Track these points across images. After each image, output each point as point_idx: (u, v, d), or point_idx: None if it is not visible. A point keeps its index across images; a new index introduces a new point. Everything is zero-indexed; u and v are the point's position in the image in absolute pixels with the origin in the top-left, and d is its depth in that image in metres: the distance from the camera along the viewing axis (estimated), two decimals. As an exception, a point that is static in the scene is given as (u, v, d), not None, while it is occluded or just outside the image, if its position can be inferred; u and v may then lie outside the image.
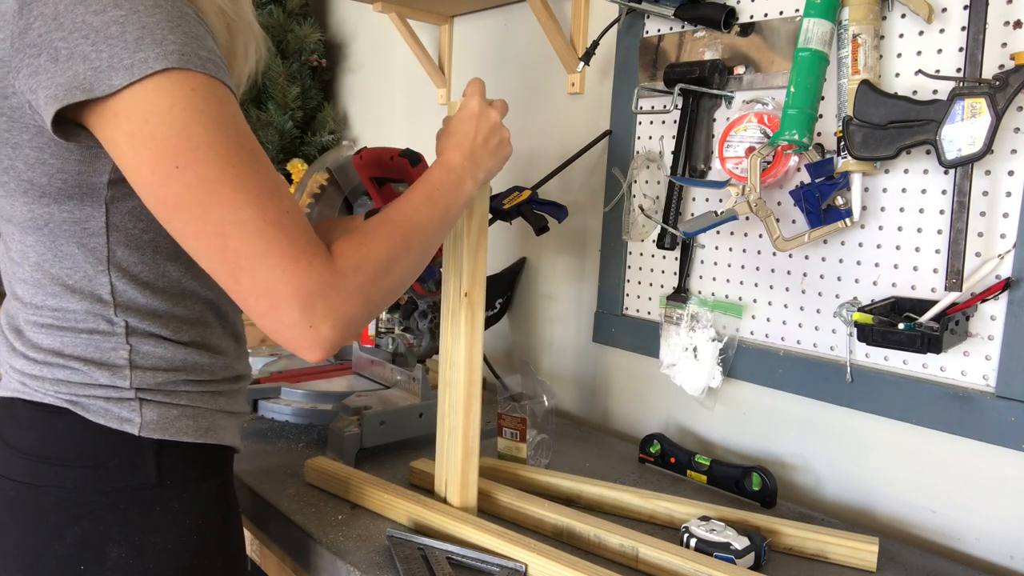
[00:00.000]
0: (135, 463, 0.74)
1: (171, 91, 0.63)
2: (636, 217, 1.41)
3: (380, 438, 1.20)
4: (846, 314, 1.09)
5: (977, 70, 0.94)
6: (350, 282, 0.69)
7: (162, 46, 0.62)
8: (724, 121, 1.27)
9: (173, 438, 0.75)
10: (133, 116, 0.62)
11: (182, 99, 0.63)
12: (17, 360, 0.75)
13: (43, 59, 0.63)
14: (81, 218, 0.71)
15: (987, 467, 1.02)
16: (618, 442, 1.38)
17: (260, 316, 0.67)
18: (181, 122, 0.63)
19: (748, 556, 0.91)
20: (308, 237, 0.67)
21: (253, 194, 0.65)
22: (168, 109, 0.62)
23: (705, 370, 1.27)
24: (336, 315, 0.67)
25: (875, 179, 1.10)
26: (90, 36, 0.62)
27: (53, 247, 0.73)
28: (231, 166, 0.64)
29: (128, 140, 0.63)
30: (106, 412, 0.73)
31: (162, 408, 0.75)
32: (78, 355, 0.74)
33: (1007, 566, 1.01)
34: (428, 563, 0.87)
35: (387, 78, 2.14)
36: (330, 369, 1.51)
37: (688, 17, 1.29)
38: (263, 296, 0.65)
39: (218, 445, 0.80)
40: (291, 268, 0.65)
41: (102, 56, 0.61)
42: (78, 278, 0.73)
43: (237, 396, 0.85)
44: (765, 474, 1.11)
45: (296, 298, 0.65)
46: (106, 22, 0.62)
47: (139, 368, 0.75)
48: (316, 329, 0.67)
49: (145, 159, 0.63)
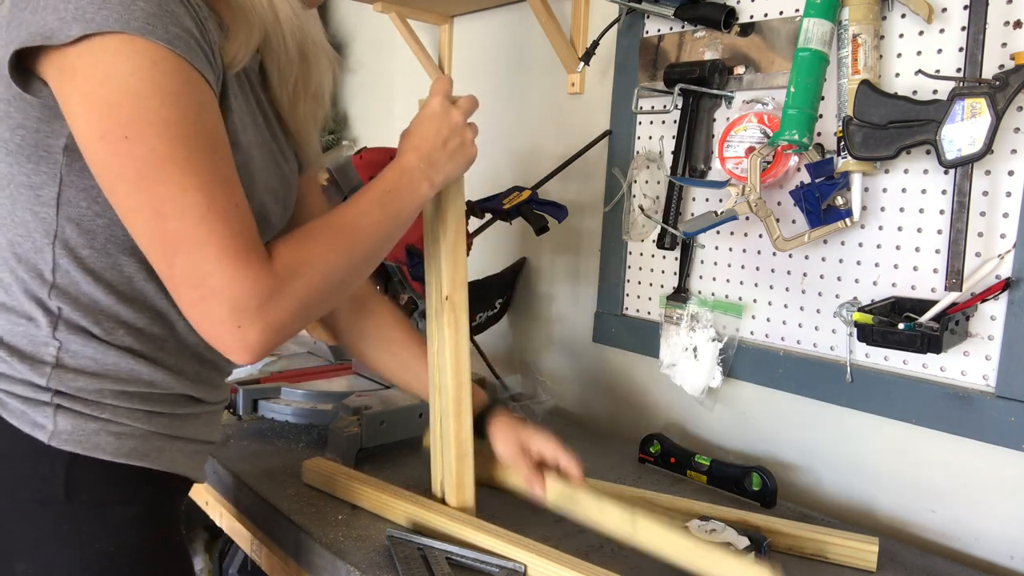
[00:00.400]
0: (44, 474, 0.69)
1: (131, 58, 0.61)
2: (636, 217, 1.41)
3: (380, 438, 1.20)
4: (846, 314, 1.09)
5: (977, 70, 0.94)
6: (286, 286, 0.66)
7: (129, 10, 0.61)
8: (724, 121, 1.27)
9: (88, 453, 0.69)
10: (90, 76, 0.61)
11: (141, 68, 0.61)
12: None
13: (27, 12, 0.62)
14: (36, 183, 0.68)
15: (987, 467, 1.02)
16: (618, 442, 1.38)
17: (188, 307, 0.65)
18: (137, 92, 0.61)
19: (748, 556, 0.91)
20: (251, 236, 0.65)
21: (203, 180, 0.63)
22: (126, 75, 0.61)
23: (705, 370, 1.27)
24: (267, 319, 0.65)
25: (875, 179, 1.10)
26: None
27: (12, 210, 0.70)
28: (183, 147, 0.62)
29: (82, 100, 0.62)
30: (22, 414, 0.69)
31: (79, 419, 0.70)
32: (6, 341, 0.70)
33: (1007, 566, 1.01)
34: (427, 563, 0.87)
35: (387, 78, 2.14)
36: (330, 369, 1.51)
37: (688, 17, 1.29)
38: (194, 287, 0.63)
39: (147, 469, 0.73)
40: (227, 263, 0.63)
41: (69, 7, 0.61)
42: (27, 248, 0.70)
43: (190, 421, 0.78)
44: (765, 474, 1.11)
45: (227, 296, 0.63)
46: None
47: (62, 367, 0.70)
48: (244, 331, 0.64)
49: (95, 123, 0.62)
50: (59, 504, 0.69)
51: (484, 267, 1.71)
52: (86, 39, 0.61)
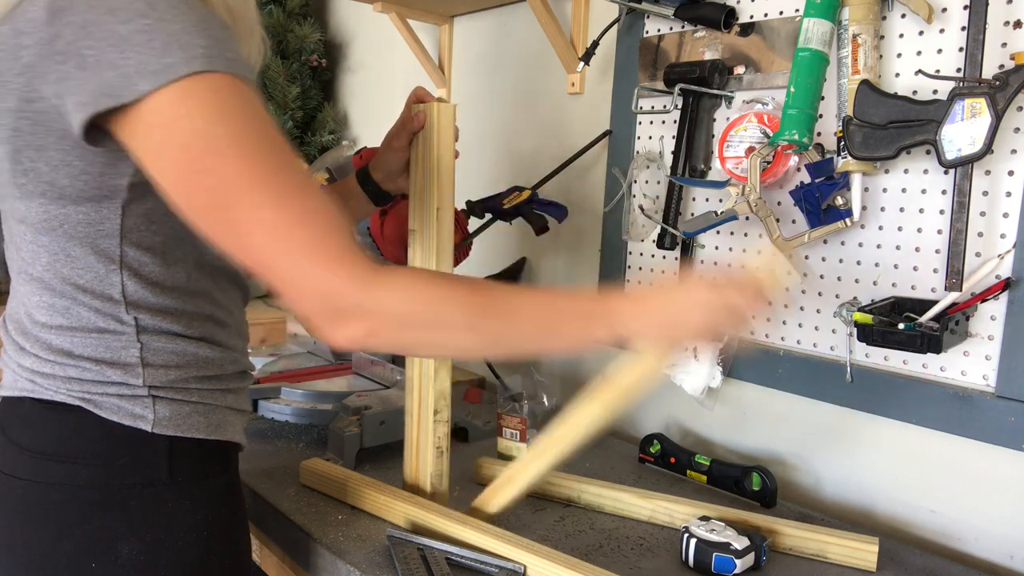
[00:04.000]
0: (147, 460, 0.74)
1: (196, 94, 0.64)
2: (636, 217, 1.41)
3: (380, 438, 1.20)
4: (846, 314, 1.09)
5: (977, 70, 0.94)
6: (378, 303, 0.67)
7: (187, 50, 0.64)
8: (724, 121, 1.27)
9: (185, 434, 0.76)
10: (160, 121, 0.64)
11: (207, 102, 0.64)
12: (26, 359, 0.76)
13: (70, 66, 0.64)
14: (96, 219, 0.72)
15: (987, 467, 1.02)
16: (618, 442, 1.38)
17: (290, 307, 0.68)
18: (206, 123, 0.64)
19: (748, 556, 0.91)
20: (336, 238, 0.66)
21: (276, 192, 0.65)
22: (193, 112, 0.64)
23: (705, 370, 1.27)
24: (355, 326, 0.67)
25: (875, 179, 1.10)
26: (118, 44, 0.63)
27: (65, 248, 0.73)
28: (255, 166, 0.65)
29: (155, 145, 0.65)
30: (119, 409, 0.74)
31: (175, 405, 0.76)
32: (88, 355, 0.74)
33: (1007, 566, 1.01)
34: (427, 563, 0.87)
35: (387, 78, 2.14)
36: (330, 369, 1.51)
37: (688, 17, 1.29)
38: (290, 291, 0.66)
39: (227, 442, 0.81)
40: (312, 267, 0.65)
41: (129, 63, 0.63)
42: (89, 278, 0.74)
43: (243, 394, 0.86)
44: (765, 474, 1.11)
45: (318, 295, 0.66)
46: (133, 31, 0.63)
47: (151, 366, 0.75)
48: (338, 327, 0.67)
49: (170, 163, 0.65)
50: (163, 485, 0.75)
51: (484, 267, 1.71)
52: (154, 92, 0.63)
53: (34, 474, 0.73)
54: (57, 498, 0.72)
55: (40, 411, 0.74)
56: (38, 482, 0.73)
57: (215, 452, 0.80)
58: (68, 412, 0.73)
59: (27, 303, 0.77)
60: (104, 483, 0.73)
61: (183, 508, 0.76)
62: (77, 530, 0.72)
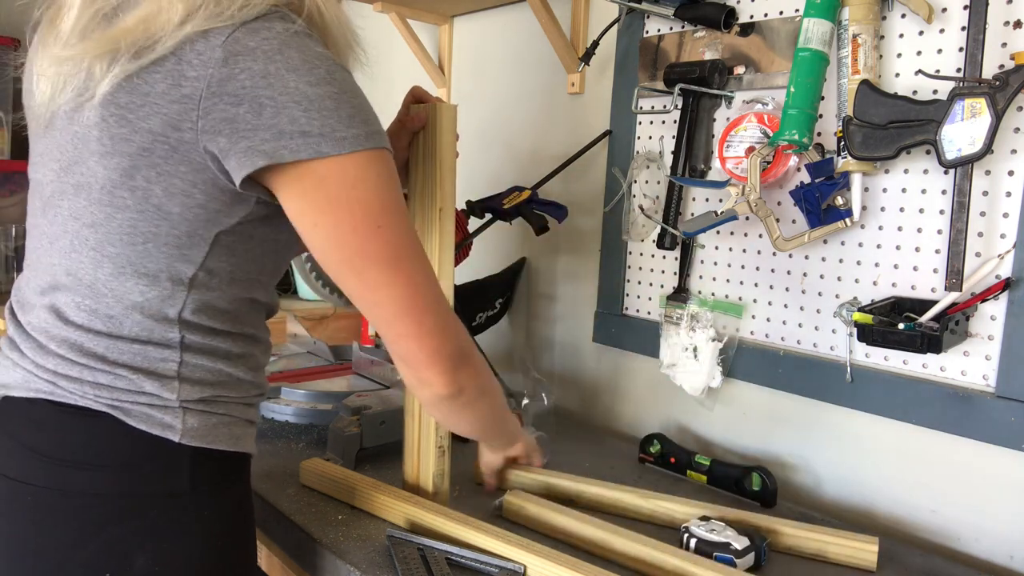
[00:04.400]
0: (170, 469, 0.74)
1: (374, 164, 0.72)
2: (636, 217, 1.41)
3: (380, 438, 1.20)
4: (846, 314, 1.09)
5: (977, 70, 0.94)
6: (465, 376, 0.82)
7: (368, 126, 0.71)
8: (724, 121, 1.27)
9: (210, 446, 0.76)
10: (342, 181, 0.70)
11: (380, 172, 0.72)
12: (48, 359, 0.74)
13: (243, 109, 0.66)
14: (186, 244, 0.73)
15: (987, 467, 1.02)
16: (618, 442, 1.38)
17: (431, 352, 0.79)
18: (380, 189, 0.72)
19: (748, 556, 0.91)
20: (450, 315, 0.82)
21: (422, 256, 0.78)
22: (374, 178, 0.71)
23: (705, 370, 1.27)
24: (468, 369, 0.83)
25: (875, 179, 1.10)
26: (302, 103, 0.67)
27: (139, 264, 0.73)
28: (410, 229, 0.77)
29: (330, 202, 0.70)
30: (148, 418, 0.73)
31: (203, 416, 0.77)
32: (125, 363, 0.73)
33: (1007, 566, 1.01)
34: (427, 563, 0.87)
35: (387, 78, 2.14)
36: (330, 369, 1.51)
37: (688, 17, 1.29)
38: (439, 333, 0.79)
39: (244, 453, 0.82)
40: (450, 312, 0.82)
41: (313, 123, 0.67)
42: (152, 296, 0.74)
43: (258, 407, 0.88)
44: (765, 474, 1.11)
45: (458, 338, 0.82)
46: (320, 95, 0.68)
47: (187, 381, 0.76)
48: (455, 370, 0.81)
49: (347, 219, 0.71)
50: (184, 495, 0.75)
51: (484, 267, 1.71)
52: (337, 156, 0.69)
53: (49, 480, 0.72)
54: (76, 505, 0.71)
55: (58, 415, 0.73)
56: (54, 489, 0.71)
57: (233, 463, 0.80)
58: (92, 418, 0.72)
59: (60, 302, 0.75)
60: (127, 491, 0.72)
61: (201, 518, 0.76)
62: (95, 538, 0.71)
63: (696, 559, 0.88)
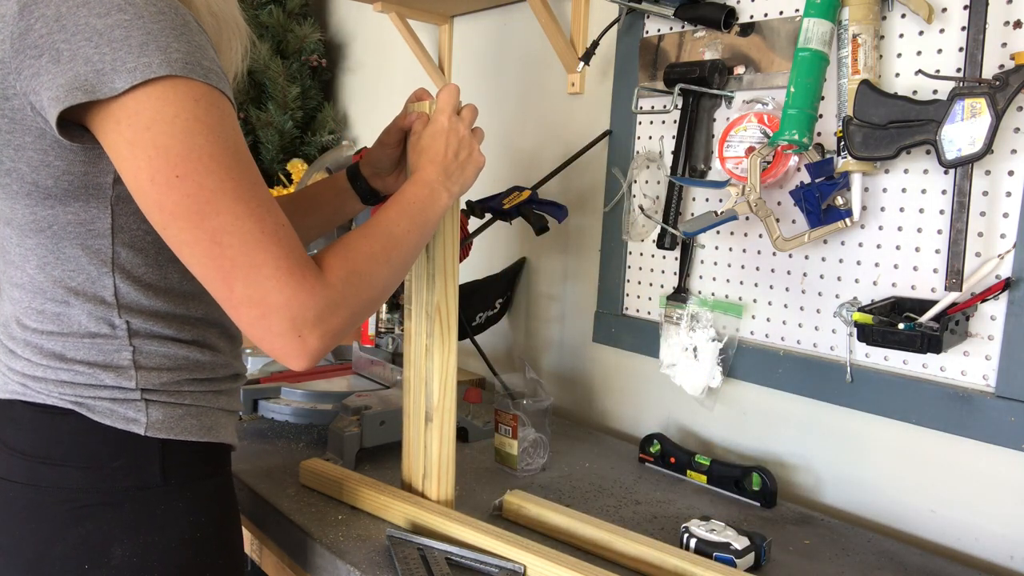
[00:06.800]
0: (140, 463, 0.74)
1: (174, 100, 0.63)
2: (636, 217, 1.41)
3: (380, 438, 1.20)
4: (846, 314, 1.09)
5: (977, 70, 0.94)
6: (338, 295, 0.71)
7: (166, 53, 0.63)
8: (724, 121, 1.27)
9: (178, 437, 0.76)
10: (135, 122, 0.63)
11: (185, 109, 0.64)
12: (17, 362, 0.75)
13: (44, 60, 0.63)
14: (86, 219, 0.71)
15: (987, 467, 1.02)
16: (618, 442, 1.38)
17: (250, 324, 0.68)
18: (183, 131, 0.63)
19: (748, 556, 0.91)
20: (300, 251, 0.69)
21: (252, 206, 0.66)
22: (171, 118, 0.63)
23: (705, 370, 1.27)
24: (324, 327, 0.69)
25: (875, 179, 1.10)
26: (93, 38, 0.62)
27: (56, 250, 0.73)
28: (230, 178, 0.65)
29: (129, 146, 0.64)
30: (111, 412, 0.74)
31: (167, 408, 0.76)
32: (81, 359, 0.74)
33: (1007, 566, 1.01)
34: (427, 563, 0.87)
35: (387, 78, 2.15)
36: (330, 369, 1.51)
37: (688, 17, 1.29)
38: (255, 305, 0.67)
39: (219, 443, 0.81)
40: (285, 280, 0.67)
41: (105, 58, 0.62)
42: (81, 280, 0.73)
43: (234, 395, 0.86)
44: (765, 474, 1.11)
45: (288, 309, 0.67)
46: (110, 25, 0.62)
47: (144, 368, 0.75)
48: (304, 340, 0.68)
49: (145, 166, 0.64)
50: (156, 488, 0.75)
51: (484, 267, 1.71)
52: (130, 90, 0.62)
53: (27, 477, 0.73)
54: (50, 501, 0.72)
55: (32, 414, 0.74)
56: (31, 485, 0.73)
57: (207, 454, 0.80)
58: (60, 416, 0.73)
59: (16, 309, 0.76)
60: (97, 486, 0.73)
61: (176, 510, 0.76)
62: (70, 533, 0.72)
63: (696, 559, 0.88)
